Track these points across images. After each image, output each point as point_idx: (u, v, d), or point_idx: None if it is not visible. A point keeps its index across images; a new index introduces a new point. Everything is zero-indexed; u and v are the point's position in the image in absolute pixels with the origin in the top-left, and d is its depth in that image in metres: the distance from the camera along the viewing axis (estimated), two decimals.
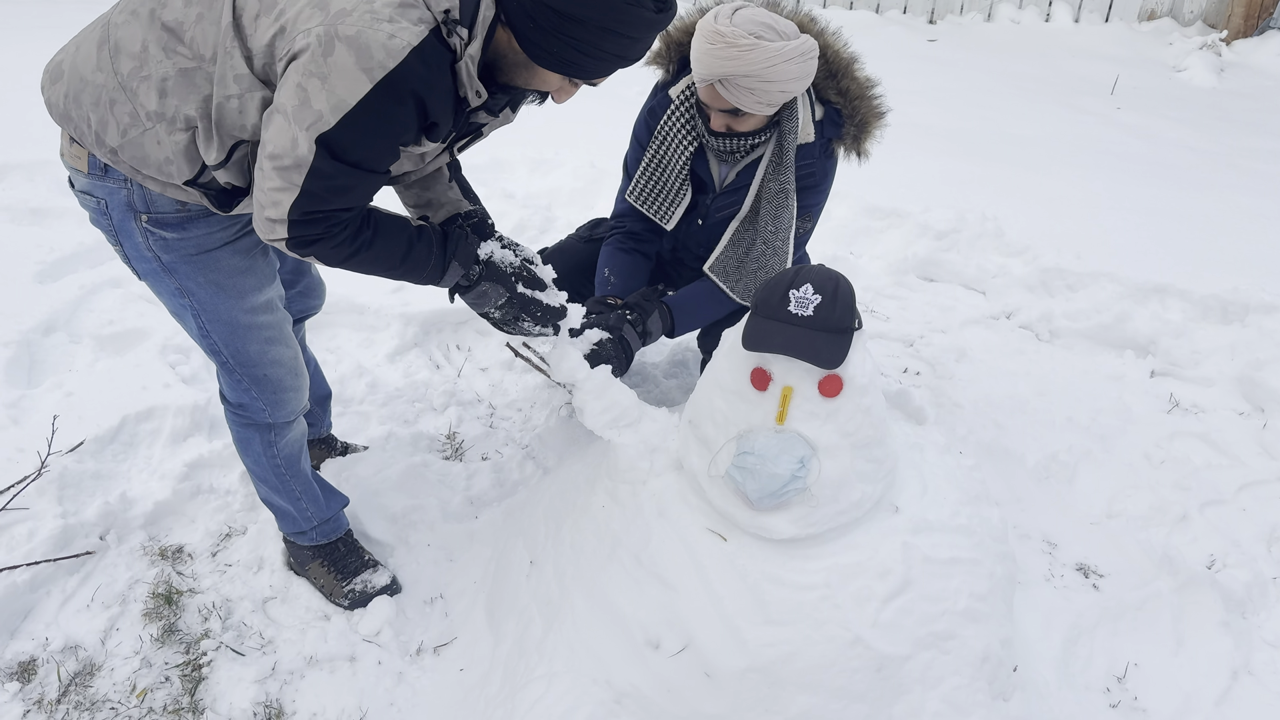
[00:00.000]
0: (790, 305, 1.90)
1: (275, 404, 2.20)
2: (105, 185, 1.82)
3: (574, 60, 1.66)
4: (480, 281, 2.00)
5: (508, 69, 1.73)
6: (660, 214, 2.63)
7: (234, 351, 2.08)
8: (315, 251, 1.74)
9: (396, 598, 2.49)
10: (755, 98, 2.19)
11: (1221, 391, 3.45)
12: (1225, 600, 2.52)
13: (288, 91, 1.55)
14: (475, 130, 1.90)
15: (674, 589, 1.99)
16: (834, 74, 2.43)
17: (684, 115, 2.48)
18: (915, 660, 1.92)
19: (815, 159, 2.43)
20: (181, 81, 1.67)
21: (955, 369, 3.53)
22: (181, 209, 1.84)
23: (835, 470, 1.94)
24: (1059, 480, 2.97)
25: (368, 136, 1.59)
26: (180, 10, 1.66)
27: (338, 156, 1.59)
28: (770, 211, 2.42)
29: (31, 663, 2.28)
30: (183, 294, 1.97)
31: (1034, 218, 4.68)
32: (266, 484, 2.37)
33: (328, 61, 1.50)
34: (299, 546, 2.50)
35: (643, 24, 1.63)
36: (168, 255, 1.90)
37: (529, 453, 3.05)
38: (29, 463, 2.72)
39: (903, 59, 7.92)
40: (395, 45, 1.50)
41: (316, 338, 3.54)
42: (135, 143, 1.72)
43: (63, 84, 1.77)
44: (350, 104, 1.53)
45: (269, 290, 2.08)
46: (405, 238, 1.86)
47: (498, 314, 2.06)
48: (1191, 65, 7.58)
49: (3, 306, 3.43)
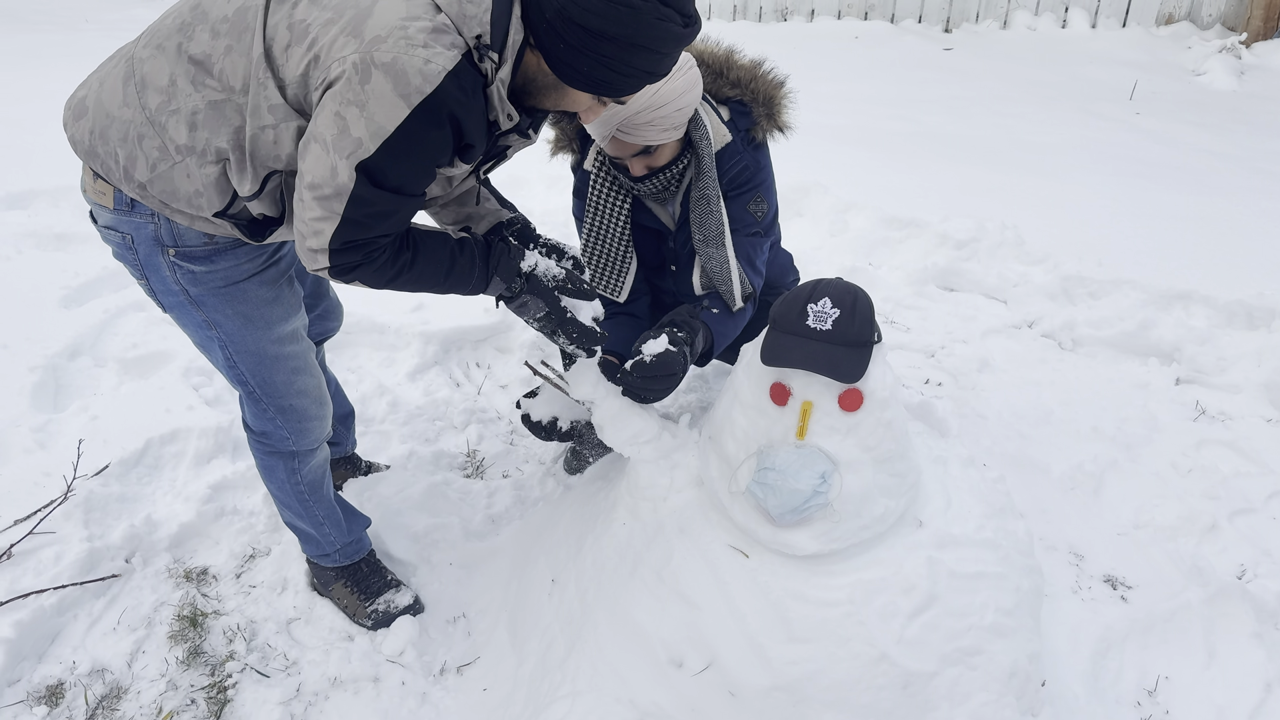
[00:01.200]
0: (808, 319, 1.89)
1: (300, 432, 2.22)
2: (131, 220, 1.81)
3: (604, 79, 1.66)
4: (522, 294, 1.99)
5: (536, 92, 1.74)
6: (609, 287, 2.61)
7: (260, 381, 2.09)
8: (358, 277, 1.74)
9: (419, 617, 2.49)
10: (657, 128, 2.20)
11: (1249, 398, 3.41)
12: (1257, 611, 2.48)
13: (325, 120, 1.55)
14: (500, 153, 1.91)
15: (697, 607, 1.98)
16: (719, 72, 2.45)
17: (606, 180, 2.49)
18: (942, 677, 1.89)
19: (741, 153, 2.42)
20: (212, 114, 1.66)
21: (978, 379, 3.50)
22: (209, 241, 1.85)
23: (857, 485, 1.92)
24: (1085, 491, 2.94)
25: (407, 161, 1.59)
26: (208, 43, 1.65)
27: (378, 183, 1.59)
28: (697, 220, 2.41)
29: (59, 686, 2.30)
30: (210, 326, 1.97)
31: (1054, 225, 4.65)
32: (290, 509, 2.38)
33: (365, 89, 1.50)
34: (322, 568, 2.51)
35: (671, 39, 1.63)
36: (195, 288, 1.90)
37: (549, 470, 3.05)
38: (55, 487, 2.75)
39: (919, 68, 7.92)
40: (431, 70, 1.51)
41: (338, 358, 3.56)
42: (165, 177, 1.72)
43: (87, 120, 1.77)
44: (389, 130, 1.53)
45: (295, 320, 2.09)
46: (447, 254, 1.85)
47: (537, 325, 2.07)
48: (1211, 69, 7.52)
49: (29, 331, 3.47)
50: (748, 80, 2.45)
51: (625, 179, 2.43)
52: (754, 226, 2.48)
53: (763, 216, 2.48)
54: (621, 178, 2.44)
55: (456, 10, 1.55)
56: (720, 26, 9.55)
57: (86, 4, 9.74)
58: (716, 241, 2.40)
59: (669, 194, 2.50)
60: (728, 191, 2.43)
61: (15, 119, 5.86)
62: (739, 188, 2.43)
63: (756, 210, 2.46)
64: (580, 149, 2.55)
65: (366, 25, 1.52)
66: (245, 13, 1.63)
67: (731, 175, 2.41)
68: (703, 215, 2.40)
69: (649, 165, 2.35)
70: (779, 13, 9.57)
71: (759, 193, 2.46)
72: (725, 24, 9.63)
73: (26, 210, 4.63)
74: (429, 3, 1.54)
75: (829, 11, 9.37)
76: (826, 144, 5.93)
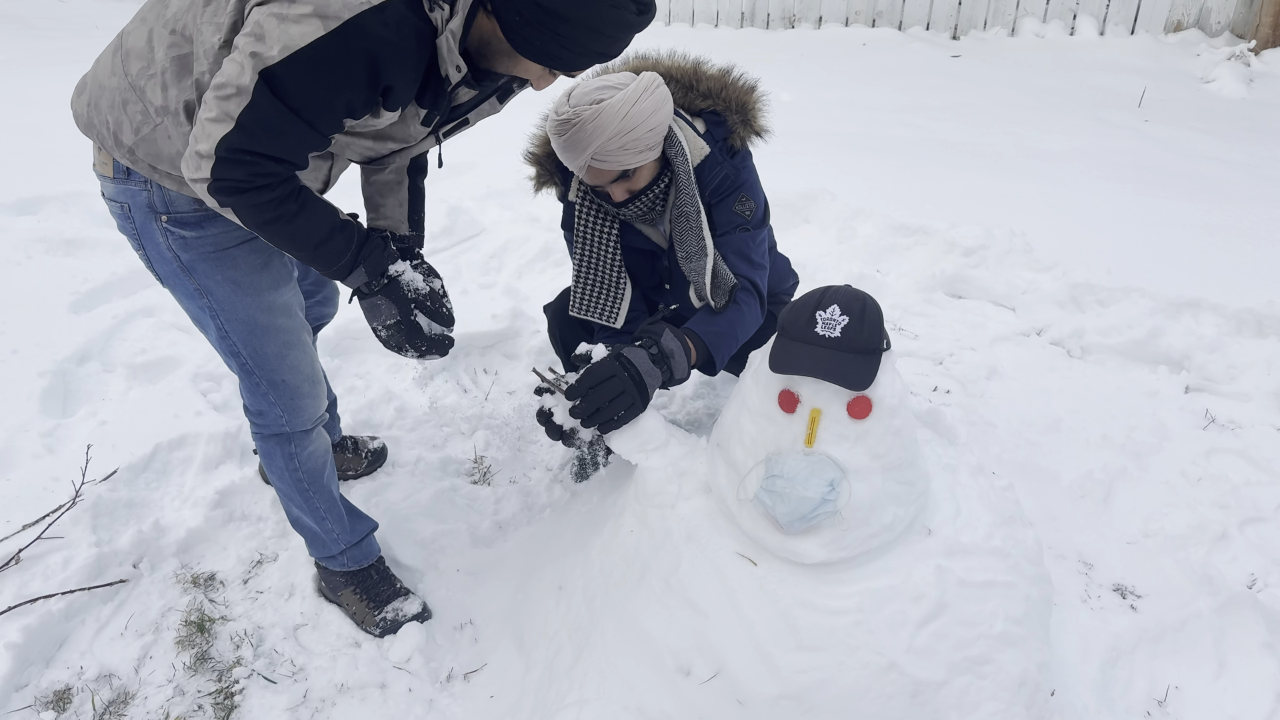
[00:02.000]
0: (817, 326, 1.89)
1: (293, 410, 2.25)
2: (127, 189, 1.91)
3: (555, 53, 1.73)
4: (378, 294, 2.03)
5: (490, 55, 1.80)
6: (605, 314, 2.58)
7: (252, 352, 2.13)
8: (237, 203, 1.71)
9: (427, 624, 2.49)
10: (631, 151, 2.19)
11: (1259, 406, 3.39)
12: (1268, 621, 2.46)
13: (248, 27, 1.59)
14: (461, 118, 1.97)
15: (704, 614, 1.98)
16: (689, 85, 2.44)
17: (591, 209, 2.49)
18: (951, 686, 1.88)
19: (721, 163, 2.40)
20: (176, 69, 1.74)
21: (986, 387, 3.49)
22: (199, 208, 1.92)
23: (866, 493, 1.92)
24: (1094, 499, 2.92)
25: (311, 82, 1.60)
26: (178, 5, 1.74)
27: (278, 94, 1.60)
28: (678, 237, 2.40)
29: (67, 691, 2.30)
30: (202, 294, 2.04)
31: (1063, 233, 4.64)
32: (291, 501, 2.40)
33: (290, 6, 1.55)
34: (331, 572, 2.51)
35: (623, 25, 1.70)
36: (187, 254, 1.98)
37: (556, 476, 3.04)
38: (64, 492, 2.76)
39: (927, 75, 7.92)
40: (354, 1, 1.55)
41: (345, 364, 3.57)
42: (149, 139, 1.81)
43: (86, 94, 1.89)
44: (298, 45, 1.55)
45: (286, 291, 2.13)
46: (328, 224, 1.87)
47: (384, 333, 2.09)
48: (1220, 76, 7.50)
49: (38, 337, 3.48)
50: (718, 90, 2.44)
51: (609, 206, 2.43)
52: (744, 224, 2.45)
53: (751, 214, 2.45)
54: (605, 204, 2.44)
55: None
56: (728, 34, 9.57)
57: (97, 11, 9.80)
58: (698, 257, 2.39)
59: (655, 214, 2.48)
60: (712, 201, 2.41)
61: (25, 125, 5.89)
62: (723, 195, 2.41)
63: (743, 209, 2.44)
64: (563, 181, 2.54)
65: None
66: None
67: (714, 186, 2.39)
68: (683, 232, 2.38)
69: (629, 189, 2.35)
70: (786, 20, 9.58)
71: (742, 193, 2.44)
72: (733, 31, 9.64)
73: (36, 216, 4.65)
74: None
75: (836, 18, 9.38)
76: (834, 151, 5.93)
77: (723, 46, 8.72)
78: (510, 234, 4.66)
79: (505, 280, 4.24)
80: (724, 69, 2.49)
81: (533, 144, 2.53)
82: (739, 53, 8.00)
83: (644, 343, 2.23)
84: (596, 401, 2.11)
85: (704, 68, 2.47)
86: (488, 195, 5.21)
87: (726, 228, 2.43)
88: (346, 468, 2.99)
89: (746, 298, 2.43)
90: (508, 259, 4.50)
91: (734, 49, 8.60)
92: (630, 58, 2.46)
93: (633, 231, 2.55)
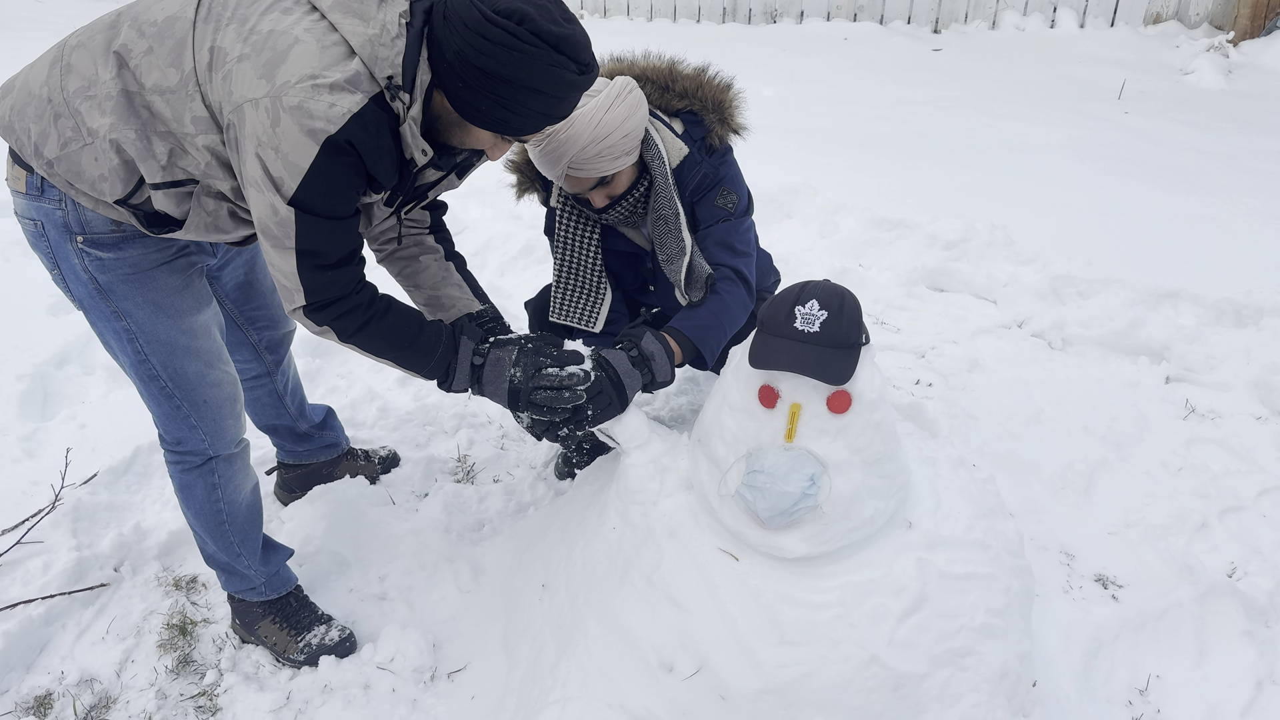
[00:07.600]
0: (796, 322, 1.89)
1: (215, 432, 2.19)
2: (41, 206, 1.87)
3: (502, 118, 1.75)
4: (490, 353, 2.10)
5: (444, 129, 1.83)
6: (584, 318, 2.58)
7: (172, 374, 2.08)
8: (333, 315, 1.86)
9: (409, 625, 2.48)
10: (607, 158, 2.20)
11: (1238, 396, 3.42)
12: (1247, 609, 2.48)
13: (250, 164, 1.67)
14: (421, 194, 2.01)
15: (687, 610, 1.98)
16: (664, 86, 2.44)
17: (572, 214, 2.49)
18: (933, 678, 1.89)
19: (701, 162, 2.40)
20: (123, 103, 1.73)
21: (968, 379, 3.51)
22: (116, 228, 1.89)
23: (846, 487, 1.92)
24: (1075, 490, 2.94)
25: (328, 190, 1.71)
26: (132, 40, 1.75)
27: (312, 211, 1.71)
28: (658, 240, 2.40)
29: (48, 697, 2.29)
30: (119, 317, 1.99)
31: (1043, 225, 4.66)
32: (208, 536, 2.31)
33: (276, 132, 1.62)
34: (248, 605, 2.43)
35: (565, 84, 1.72)
36: (104, 276, 1.93)
37: (540, 474, 3.04)
38: (43, 496, 2.74)
39: (908, 69, 7.93)
40: (335, 113, 1.62)
41: (327, 364, 3.55)
42: (73, 156, 1.78)
43: (11, 98, 1.84)
44: (304, 167, 1.64)
45: (206, 312, 2.11)
46: (416, 319, 2.01)
47: (527, 394, 2.11)
48: (1199, 68, 7.54)
49: (17, 340, 3.46)
50: (694, 89, 2.43)
51: (590, 211, 2.42)
52: (726, 216, 2.44)
53: (734, 207, 2.45)
54: (587, 210, 2.43)
55: (370, 53, 1.65)
56: (710, 29, 9.56)
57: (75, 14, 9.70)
58: (679, 258, 2.38)
59: (637, 218, 2.48)
60: (694, 199, 2.41)
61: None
62: (704, 192, 2.41)
63: (725, 203, 2.43)
64: (544, 187, 2.53)
65: (279, 71, 1.61)
66: (174, 23, 1.72)
67: (694, 185, 2.39)
68: (662, 235, 2.38)
69: (609, 195, 2.34)
70: (768, 14, 9.57)
71: (723, 187, 2.43)
72: (715, 26, 9.63)
73: (13, 219, 4.60)
74: (343, 50, 1.64)
75: (818, 13, 9.38)
76: (816, 145, 5.93)
77: (704, 41, 8.72)
78: (492, 231, 4.65)
79: (488, 278, 4.23)
80: (699, 68, 2.48)
81: (513, 152, 2.53)
82: (721, 48, 8.01)
83: (624, 345, 2.24)
84: (554, 405, 2.10)
85: (679, 67, 2.46)
86: (469, 193, 5.18)
87: (709, 222, 2.42)
88: (362, 475, 2.95)
89: (728, 286, 2.41)
90: (490, 256, 4.49)
91: (716, 44, 8.60)
92: (605, 60, 2.45)
93: (615, 234, 2.55)
